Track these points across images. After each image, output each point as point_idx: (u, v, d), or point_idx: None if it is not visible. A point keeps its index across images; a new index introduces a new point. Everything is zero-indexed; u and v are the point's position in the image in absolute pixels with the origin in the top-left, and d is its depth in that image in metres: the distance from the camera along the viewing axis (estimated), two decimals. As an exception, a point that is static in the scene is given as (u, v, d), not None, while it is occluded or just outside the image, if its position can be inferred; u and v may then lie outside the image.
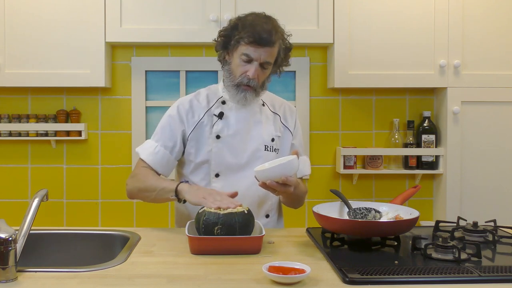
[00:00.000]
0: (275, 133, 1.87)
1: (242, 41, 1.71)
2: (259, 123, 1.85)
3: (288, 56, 1.84)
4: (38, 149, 2.74)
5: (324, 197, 2.67)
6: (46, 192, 1.44)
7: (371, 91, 2.77)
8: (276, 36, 1.72)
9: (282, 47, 1.78)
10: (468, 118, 2.59)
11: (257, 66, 1.73)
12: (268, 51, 1.72)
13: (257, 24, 1.71)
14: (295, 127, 1.94)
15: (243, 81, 1.75)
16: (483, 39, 2.57)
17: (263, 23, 1.71)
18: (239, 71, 1.76)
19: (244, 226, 1.48)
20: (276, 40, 1.73)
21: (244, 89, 1.76)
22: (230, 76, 1.79)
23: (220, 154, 1.80)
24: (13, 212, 2.68)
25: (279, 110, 1.93)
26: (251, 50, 1.71)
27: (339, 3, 2.53)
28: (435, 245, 1.39)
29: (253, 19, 1.73)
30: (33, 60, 2.50)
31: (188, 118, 1.83)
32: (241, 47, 1.73)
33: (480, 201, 2.59)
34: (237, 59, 1.75)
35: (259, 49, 1.71)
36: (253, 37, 1.69)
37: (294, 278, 1.19)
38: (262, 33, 1.69)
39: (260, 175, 1.59)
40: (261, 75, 1.77)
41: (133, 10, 2.51)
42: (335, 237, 1.56)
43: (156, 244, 1.56)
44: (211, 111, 1.84)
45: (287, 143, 1.90)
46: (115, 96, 2.74)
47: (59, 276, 1.26)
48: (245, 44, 1.71)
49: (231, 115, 1.82)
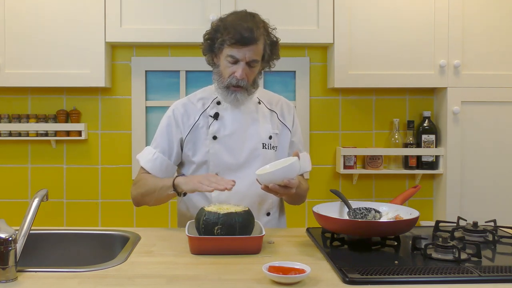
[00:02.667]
0: (273, 130, 1.87)
1: (225, 43, 1.71)
2: (256, 122, 1.85)
3: (276, 50, 1.82)
4: (38, 149, 2.74)
5: (324, 197, 2.67)
6: (46, 192, 1.44)
7: (371, 91, 2.77)
8: (258, 32, 1.71)
9: (267, 43, 1.77)
10: (468, 118, 2.59)
11: (244, 65, 1.73)
12: (253, 49, 1.71)
13: (237, 24, 1.70)
14: (293, 123, 1.93)
15: (232, 82, 1.75)
16: (483, 39, 2.57)
17: (243, 22, 1.70)
18: (227, 73, 1.76)
19: (244, 226, 1.48)
20: (259, 36, 1.72)
21: (234, 90, 1.76)
22: (219, 78, 1.79)
23: (217, 155, 1.80)
24: (13, 212, 2.68)
25: (276, 107, 1.92)
26: (235, 51, 1.71)
27: (339, 3, 2.53)
28: (435, 245, 1.39)
29: (233, 19, 1.73)
30: (33, 60, 2.50)
31: (183, 121, 1.83)
32: (225, 50, 1.73)
33: (480, 201, 2.59)
34: (224, 61, 1.75)
35: (242, 49, 1.70)
36: (234, 38, 1.68)
37: (294, 278, 1.19)
38: (244, 32, 1.68)
39: (262, 179, 1.60)
40: (250, 74, 1.76)
41: (133, 10, 2.51)
42: (335, 237, 1.56)
43: (156, 244, 1.56)
44: (206, 112, 1.84)
45: (285, 140, 1.90)
46: (115, 96, 2.74)
47: (59, 276, 1.26)
48: (228, 46, 1.71)
49: (226, 115, 1.83)
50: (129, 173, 2.74)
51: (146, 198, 1.79)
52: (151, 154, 1.84)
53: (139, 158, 1.86)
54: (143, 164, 1.84)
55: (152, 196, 1.76)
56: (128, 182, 2.74)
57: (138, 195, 1.81)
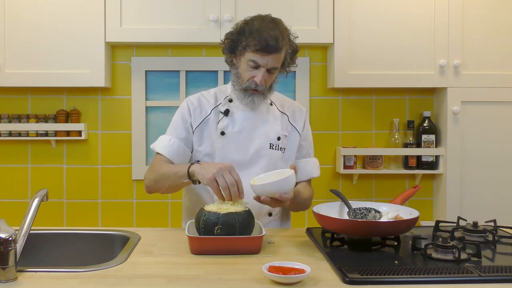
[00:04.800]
0: (282, 132, 1.87)
1: (249, 48, 1.71)
2: (266, 122, 1.85)
3: (295, 57, 1.84)
4: (38, 149, 2.74)
5: (324, 197, 2.66)
6: (46, 192, 1.44)
7: (371, 91, 2.77)
8: (283, 42, 1.72)
9: (289, 52, 1.78)
10: (468, 118, 2.59)
11: (264, 72, 1.74)
12: (275, 58, 1.72)
13: (263, 30, 1.69)
14: (304, 128, 1.94)
15: (250, 85, 1.76)
16: (483, 39, 2.57)
17: (269, 29, 1.69)
18: (247, 76, 1.76)
19: (244, 226, 1.48)
20: (283, 46, 1.73)
21: (251, 93, 1.78)
22: (237, 80, 1.80)
23: (224, 150, 1.81)
24: (13, 212, 2.68)
25: (287, 110, 1.94)
26: (258, 58, 1.71)
27: (339, 3, 2.53)
28: (435, 245, 1.39)
29: (259, 25, 1.71)
30: (33, 60, 2.50)
31: (196, 113, 1.85)
32: (248, 54, 1.73)
33: (480, 201, 2.59)
34: (244, 64, 1.75)
35: (266, 57, 1.71)
36: (260, 45, 1.68)
37: (294, 278, 1.19)
38: (270, 41, 1.67)
39: (255, 189, 1.59)
40: (268, 79, 1.78)
41: (133, 10, 2.51)
42: (335, 237, 1.56)
43: (156, 244, 1.56)
44: (218, 108, 1.86)
45: (294, 143, 1.90)
46: (115, 96, 2.74)
47: (59, 276, 1.26)
48: (251, 52, 1.71)
49: (237, 113, 1.84)
50: (129, 173, 2.74)
51: (159, 184, 1.77)
52: (167, 140, 1.83)
53: (154, 146, 1.85)
54: (160, 150, 1.82)
55: (165, 182, 1.74)
56: (128, 182, 2.74)
57: (151, 180, 1.79)
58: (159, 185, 1.78)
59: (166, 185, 1.75)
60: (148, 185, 1.82)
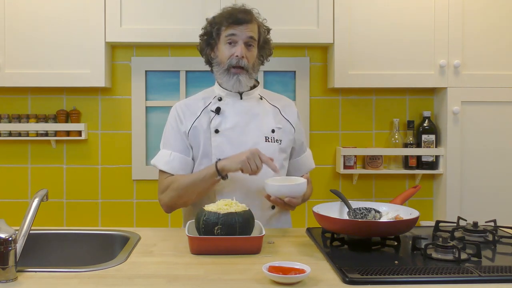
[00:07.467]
0: (275, 124, 1.88)
1: (223, 26, 1.80)
2: (257, 116, 1.86)
3: (269, 38, 1.91)
4: (38, 149, 2.73)
5: (324, 197, 2.66)
6: (46, 192, 1.44)
7: (371, 91, 2.77)
8: (251, 15, 1.82)
9: (261, 26, 1.87)
10: (468, 118, 2.59)
11: (242, 45, 1.80)
12: (249, 28, 1.80)
13: (231, 10, 1.82)
14: (296, 120, 1.96)
15: (232, 62, 1.80)
16: (483, 39, 2.57)
17: (236, 8, 1.83)
18: (227, 55, 1.81)
19: (244, 226, 1.48)
20: (253, 18, 1.82)
21: (235, 72, 1.81)
22: (219, 67, 1.84)
23: (220, 148, 1.81)
24: (13, 212, 2.68)
25: (277, 103, 1.96)
26: (233, 30, 1.80)
27: (339, 3, 2.53)
28: (435, 245, 1.39)
29: (225, 10, 1.84)
30: (33, 60, 2.50)
31: (185, 117, 1.86)
32: (223, 33, 1.81)
33: (480, 201, 2.59)
34: (223, 45, 1.82)
35: (239, 27, 1.79)
36: (231, 18, 1.79)
37: (294, 278, 1.19)
38: (238, 14, 1.79)
39: (268, 188, 1.67)
40: (248, 55, 1.82)
41: (133, 10, 2.51)
42: (335, 237, 1.56)
43: (156, 244, 1.56)
44: (208, 108, 1.87)
45: (288, 135, 1.92)
46: (115, 96, 2.74)
47: (59, 276, 1.26)
48: (226, 28, 1.80)
49: (228, 110, 1.85)
50: (129, 173, 2.74)
51: (185, 197, 1.77)
52: (167, 155, 1.83)
53: (155, 163, 1.85)
54: (162, 167, 1.82)
55: (193, 191, 1.75)
56: (128, 182, 2.74)
57: (174, 198, 1.78)
58: (185, 198, 1.78)
59: (195, 194, 1.76)
60: (170, 204, 1.81)
